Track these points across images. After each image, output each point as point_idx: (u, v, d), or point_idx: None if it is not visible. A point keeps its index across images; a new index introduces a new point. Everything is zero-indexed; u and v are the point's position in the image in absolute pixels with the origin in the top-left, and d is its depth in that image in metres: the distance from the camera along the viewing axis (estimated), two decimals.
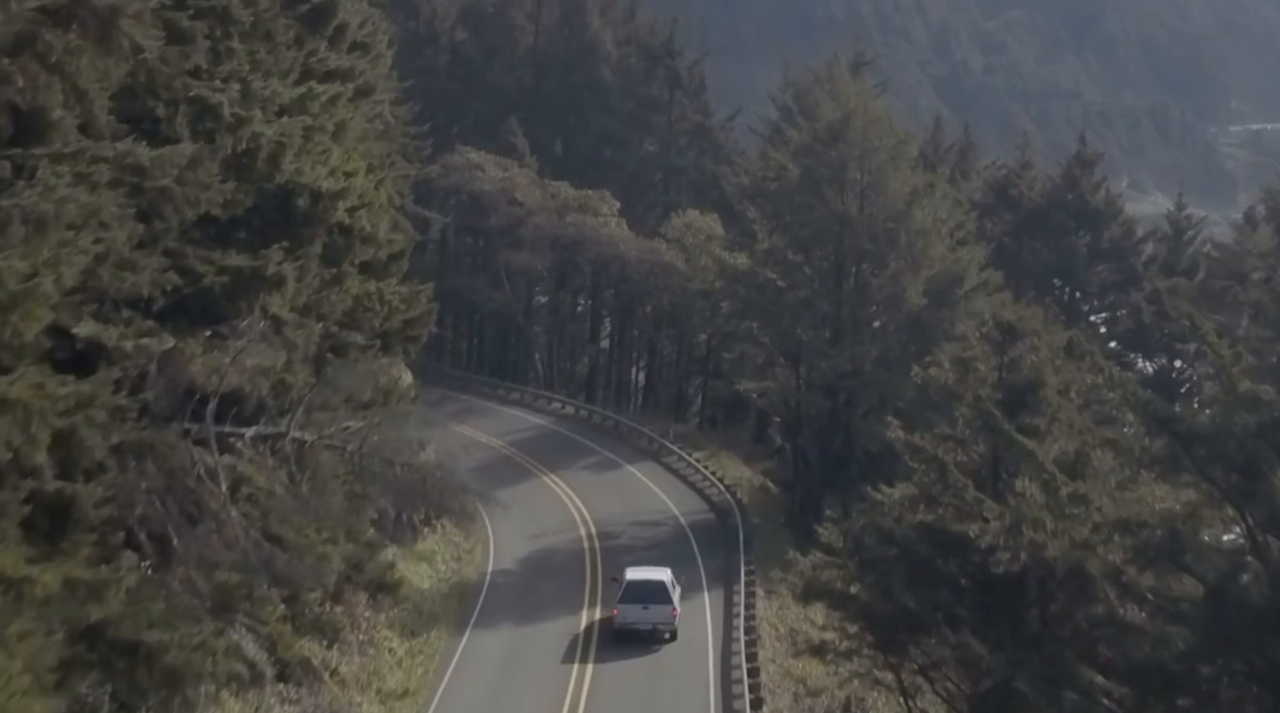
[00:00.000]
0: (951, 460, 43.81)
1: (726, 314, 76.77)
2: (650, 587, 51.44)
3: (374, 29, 67.99)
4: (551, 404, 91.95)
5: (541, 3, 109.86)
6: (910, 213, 70.97)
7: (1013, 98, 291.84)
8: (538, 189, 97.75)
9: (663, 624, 51.03)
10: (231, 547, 31.45)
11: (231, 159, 34.26)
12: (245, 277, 33.71)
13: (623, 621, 51.06)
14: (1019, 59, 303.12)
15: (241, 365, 31.05)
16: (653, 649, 51.21)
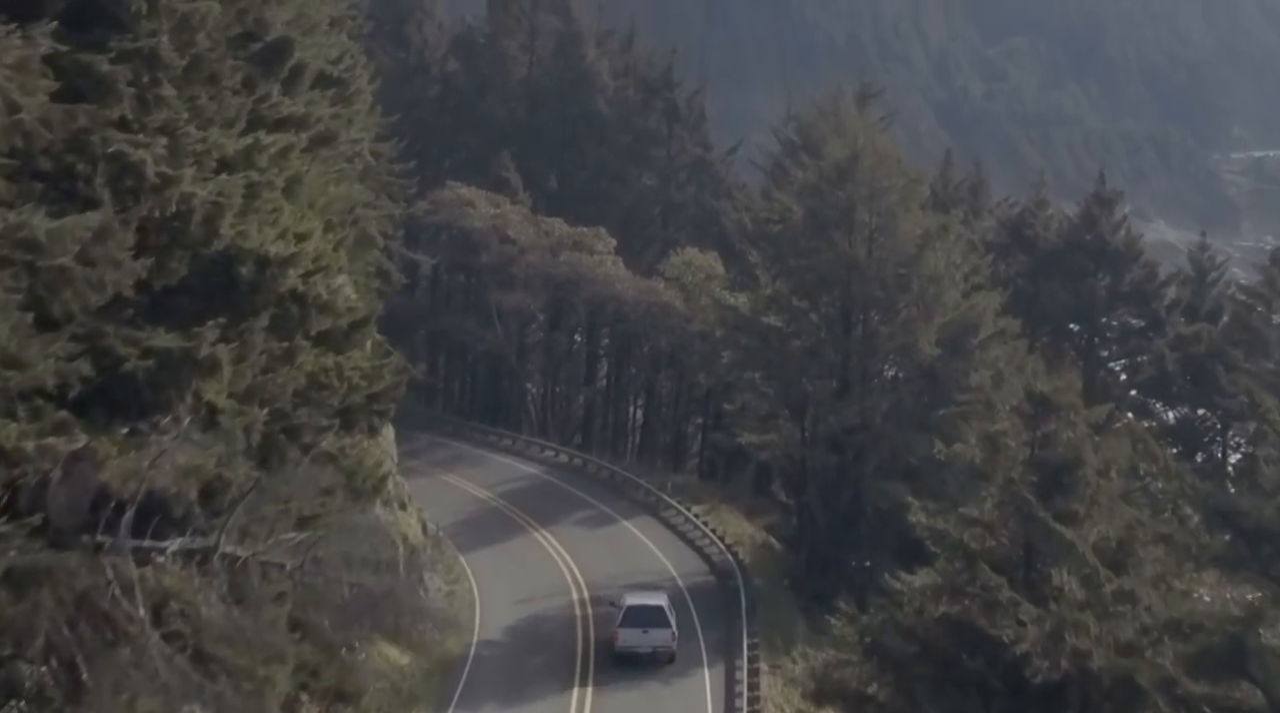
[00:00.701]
0: (979, 547, 38.91)
1: (727, 364, 71.73)
2: (649, 611, 52.55)
3: (352, 63, 63.34)
4: (544, 452, 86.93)
5: (535, 33, 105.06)
6: (922, 257, 66.08)
7: (1014, 124, 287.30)
8: (531, 226, 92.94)
9: (661, 647, 52.04)
10: (154, 677, 26.50)
11: (161, 223, 29.43)
12: (175, 360, 28.82)
13: (624, 644, 51.82)
14: (1020, 85, 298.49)
15: (165, 466, 26.12)
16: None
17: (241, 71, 35.12)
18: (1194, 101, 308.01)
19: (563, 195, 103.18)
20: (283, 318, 33.77)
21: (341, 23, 66.38)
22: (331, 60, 61.42)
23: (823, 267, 66.78)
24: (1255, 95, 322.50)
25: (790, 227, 68.40)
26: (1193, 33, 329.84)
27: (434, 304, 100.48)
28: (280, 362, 33.39)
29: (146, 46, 29.56)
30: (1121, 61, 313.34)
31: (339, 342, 35.55)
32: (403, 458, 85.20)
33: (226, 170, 32.06)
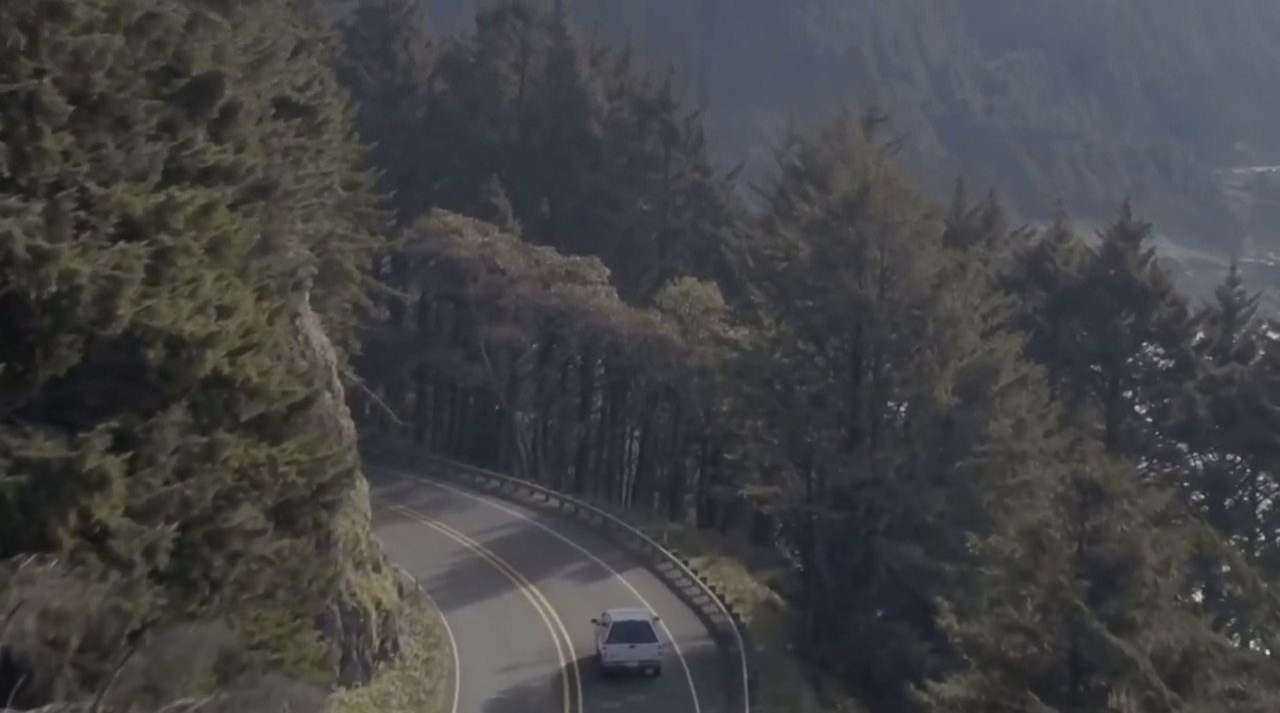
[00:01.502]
0: (1020, 657, 33.24)
1: (728, 412, 65.98)
2: (636, 626, 53.67)
3: (321, 90, 57.87)
4: (534, 495, 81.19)
5: (527, 52, 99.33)
6: (938, 298, 60.49)
7: (1015, 139, 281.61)
8: (521, 255, 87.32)
9: (649, 661, 52.99)
10: None
11: (42, 304, 23.84)
12: (53, 475, 23.22)
13: (612, 659, 52.78)
14: (1021, 99, 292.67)
15: (27, 616, 20.50)
16: None
17: (159, 114, 29.48)
18: (1195, 116, 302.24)
19: (555, 221, 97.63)
20: (204, 407, 28.14)
21: (310, 46, 60.90)
22: (298, 87, 56.07)
23: (831, 308, 61.20)
24: (1257, 110, 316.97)
25: (796, 264, 62.79)
26: (1194, 46, 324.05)
27: (422, 334, 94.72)
28: (200, 459, 27.72)
29: (24, 90, 23.92)
30: (1122, 75, 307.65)
31: (274, 429, 29.84)
32: (385, 501, 79.82)
33: (133, 234, 26.42)
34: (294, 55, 56.28)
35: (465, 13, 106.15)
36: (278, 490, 29.69)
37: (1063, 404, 68.08)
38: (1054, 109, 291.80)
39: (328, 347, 60.24)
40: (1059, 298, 75.34)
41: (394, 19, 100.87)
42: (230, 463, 28.53)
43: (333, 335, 69.22)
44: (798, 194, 79.89)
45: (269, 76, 48.46)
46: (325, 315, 69.13)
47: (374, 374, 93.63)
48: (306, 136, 55.39)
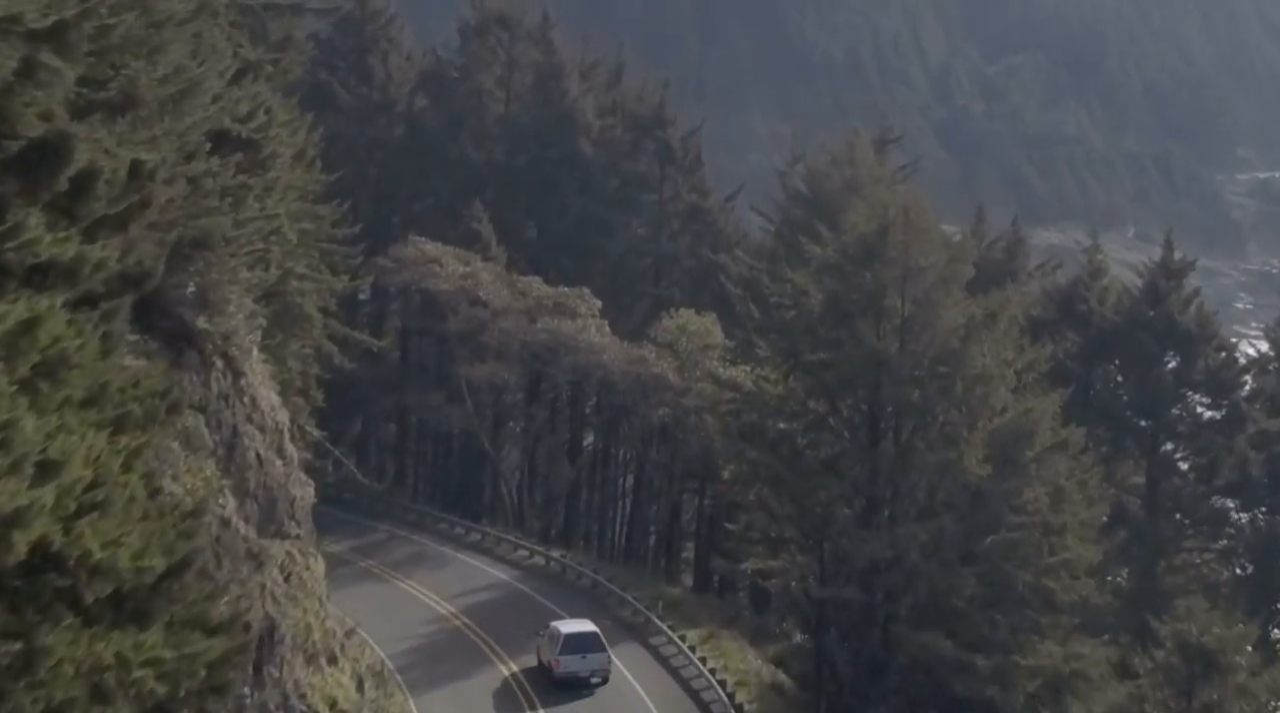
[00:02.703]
0: None
1: (730, 480, 57.91)
2: (587, 638, 53.83)
3: (266, 120, 49.78)
4: (517, 551, 73.00)
5: (513, 66, 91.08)
6: (966, 352, 52.55)
7: (1015, 144, 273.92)
8: (505, 287, 79.30)
9: (599, 670, 53.31)
10: None
11: None
12: None
13: (565, 670, 52.80)
14: (1021, 104, 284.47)
15: None
16: None
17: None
18: (1197, 119, 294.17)
19: (542, 247, 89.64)
20: (23, 598, 20.26)
21: (257, 68, 52.86)
22: (239, 118, 48.07)
23: (845, 362, 53.21)
24: (1259, 114, 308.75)
25: (805, 313, 54.74)
26: (1195, 50, 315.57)
27: (404, 371, 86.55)
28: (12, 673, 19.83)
29: None
30: (1123, 78, 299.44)
31: (133, 615, 21.89)
32: (356, 556, 72.07)
33: None
34: (236, 80, 48.41)
35: (448, 24, 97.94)
36: (133, 699, 21.71)
37: (1098, 459, 60.10)
38: (1054, 113, 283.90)
39: (278, 407, 52.15)
40: (1094, 342, 66.99)
41: (371, 30, 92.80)
42: (63, 670, 20.59)
43: (290, 387, 61.54)
44: (804, 227, 72.30)
45: (193, 111, 40.64)
46: (284, 364, 61.36)
47: (350, 413, 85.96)
48: (250, 173, 47.53)
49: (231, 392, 45.53)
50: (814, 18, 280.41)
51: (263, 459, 48.34)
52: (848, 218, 70.04)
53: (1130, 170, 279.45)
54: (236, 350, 46.24)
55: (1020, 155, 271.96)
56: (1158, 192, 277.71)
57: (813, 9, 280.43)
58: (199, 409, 42.41)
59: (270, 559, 45.79)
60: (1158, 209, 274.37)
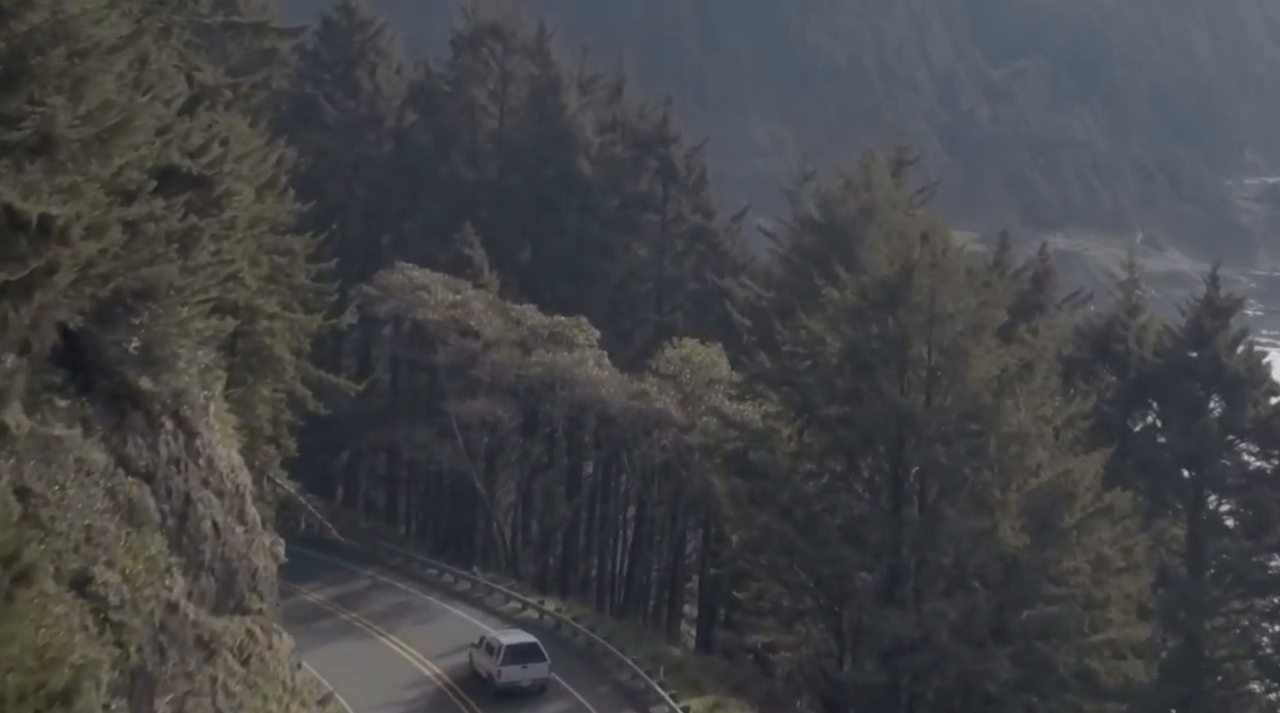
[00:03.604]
0: None
1: (740, 546, 52.07)
2: (527, 648, 54.23)
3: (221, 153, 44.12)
4: (509, 603, 67.23)
5: (507, 80, 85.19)
6: (999, 408, 46.85)
7: (1020, 148, 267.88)
8: (498, 315, 73.60)
9: (540, 679, 53.79)
10: None
11: None
12: None
13: (507, 680, 53.20)
14: (1026, 108, 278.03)
15: None
16: None
17: None
18: (1203, 125, 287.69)
19: (538, 271, 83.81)
20: None
21: (214, 95, 47.20)
22: (189, 152, 42.46)
23: (865, 418, 47.54)
24: (1266, 119, 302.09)
25: (822, 363, 48.98)
26: (1201, 55, 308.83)
27: (393, 404, 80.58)
28: None
29: None
30: (1128, 83, 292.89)
31: None
32: (338, 607, 66.44)
33: None
34: (190, 109, 42.84)
35: (439, 34, 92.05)
36: None
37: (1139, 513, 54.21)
38: (1060, 118, 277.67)
39: (240, 468, 46.42)
40: (1132, 385, 60.96)
41: (359, 41, 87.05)
42: None
43: (259, 435, 55.86)
44: (815, 255, 66.85)
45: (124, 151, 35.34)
46: (251, 411, 55.68)
47: (336, 447, 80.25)
48: (203, 213, 41.90)
49: (184, 455, 40.40)
50: (816, 22, 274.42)
51: (220, 528, 43.05)
52: (864, 249, 64.61)
53: (1136, 175, 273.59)
54: (189, 409, 40.73)
55: (1025, 159, 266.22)
56: (1164, 196, 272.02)
57: (815, 13, 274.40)
58: (144, 478, 37.13)
59: (224, 646, 40.38)
60: (1164, 214, 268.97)
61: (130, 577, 34.53)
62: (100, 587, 33.54)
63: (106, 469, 35.55)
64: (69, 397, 34.98)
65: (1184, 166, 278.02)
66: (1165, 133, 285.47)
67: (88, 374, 36.58)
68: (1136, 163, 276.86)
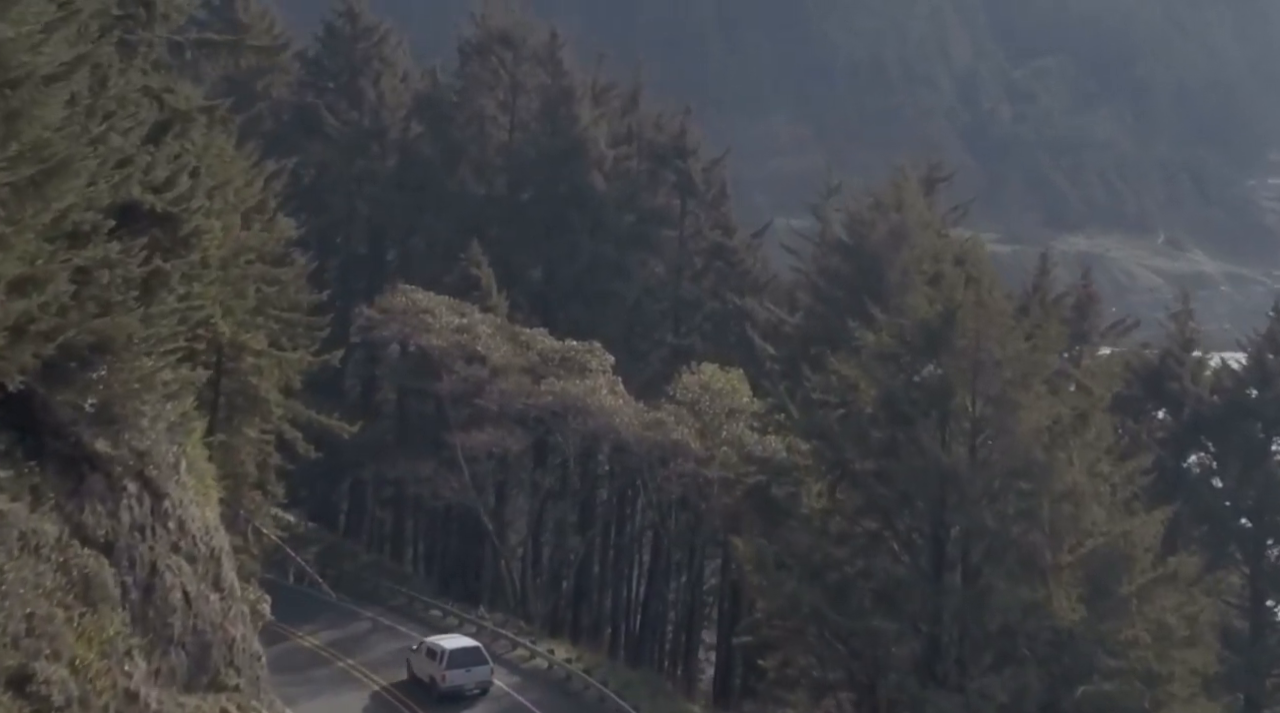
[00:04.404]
0: None
1: (765, 614, 47.17)
2: (470, 652, 54.58)
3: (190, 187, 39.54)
4: (515, 650, 62.50)
5: (517, 90, 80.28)
6: (1051, 464, 41.99)
7: (1043, 149, 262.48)
8: (506, 340, 68.92)
9: (483, 682, 54.18)
10: None
11: None
12: None
13: (451, 684, 53.29)
14: (1049, 108, 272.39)
15: None
16: None
17: None
18: (1228, 125, 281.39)
19: (548, 291, 79.13)
20: None
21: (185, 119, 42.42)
22: (153, 186, 37.89)
23: (904, 474, 42.66)
24: None
25: (855, 411, 44.12)
26: (1226, 53, 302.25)
27: (403, 431, 75.67)
28: None
29: None
30: (1152, 83, 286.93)
31: None
32: (335, 653, 62.12)
33: None
34: (156, 137, 38.20)
35: (447, 42, 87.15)
36: None
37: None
38: (1083, 118, 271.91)
39: (215, 529, 41.74)
40: (1187, 426, 55.95)
41: (362, 49, 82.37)
42: None
43: (243, 481, 51.32)
44: (844, 281, 62.03)
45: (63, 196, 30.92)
46: (235, 456, 51.10)
47: (339, 474, 75.65)
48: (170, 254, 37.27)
49: (150, 520, 35.90)
50: (837, 21, 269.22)
51: (192, 598, 38.39)
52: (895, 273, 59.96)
53: (1160, 176, 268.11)
54: (156, 469, 36.12)
55: (1048, 160, 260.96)
56: (1188, 197, 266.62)
57: (836, 12, 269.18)
58: (104, 548, 32.80)
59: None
60: (1188, 215, 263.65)
61: (81, 668, 30.06)
62: (42, 685, 29.06)
63: (59, 542, 31.48)
64: (13, 464, 30.70)
65: (1208, 167, 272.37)
66: (1189, 133, 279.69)
67: (38, 436, 32.34)
68: (1160, 163, 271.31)
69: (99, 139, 33.61)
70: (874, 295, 60.35)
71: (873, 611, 42.74)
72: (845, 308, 60.19)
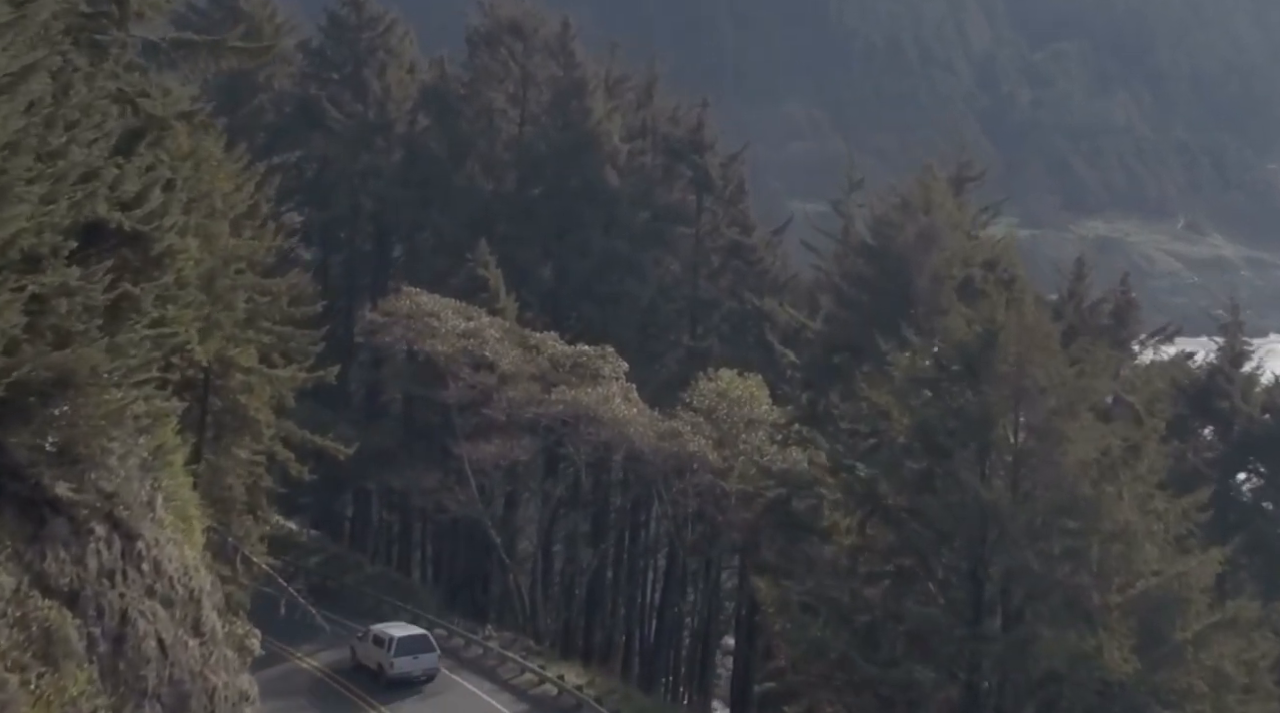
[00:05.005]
0: None
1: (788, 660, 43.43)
2: (417, 640, 54.94)
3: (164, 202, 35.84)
4: (523, 674, 58.72)
5: (527, 82, 76.37)
6: (1100, 500, 38.22)
7: (1061, 134, 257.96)
8: (515, 345, 65.21)
9: (430, 670, 54.60)
10: None
11: None
12: None
13: (399, 672, 53.73)
14: (1068, 92, 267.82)
15: None
16: None
17: None
18: (1248, 110, 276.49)
19: (560, 292, 75.29)
20: None
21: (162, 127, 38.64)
22: (123, 203, 34.42)
23: (940, 511, 38.88)
24: None
25: (887, 442, 40.33)
26: (1245, 37, 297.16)
27: (409, 437, 71.81)
28: None
29: None
30: (1172, 67, 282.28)
31: None
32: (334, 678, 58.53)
33: None
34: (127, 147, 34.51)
35: (456, 34, 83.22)
36: None
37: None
38: (1101, 102, 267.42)
39: (195, 569, 38.11)
40: (1237, 446, 52.07)
41: (367, 39, 78.62)
42: None
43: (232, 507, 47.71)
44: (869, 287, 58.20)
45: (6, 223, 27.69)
46: (222, 481, 47.51)
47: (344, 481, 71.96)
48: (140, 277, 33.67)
49: (121, 564, 32.64)
50: (854, 3, 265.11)
51: (168, 646, 34.86)
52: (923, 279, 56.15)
53: (1179, 160, 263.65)
54: (126, 509, 32.74)
55: (1067, 145, 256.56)
56: (1208, 182, 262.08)
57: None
58: (68, 598, 29.43)
59: None
60: (1207, 200, 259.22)
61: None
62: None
63: (17, 594, 28.40)
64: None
65: (1228, 151, 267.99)
66: (1208, 117, 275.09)
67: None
68: (1179, 148, 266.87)
69: (58, 153, 30.14)
70: (901, 301, 56.79)
71: (906, 657, 39.03)
72: (870, 314, 56.73)
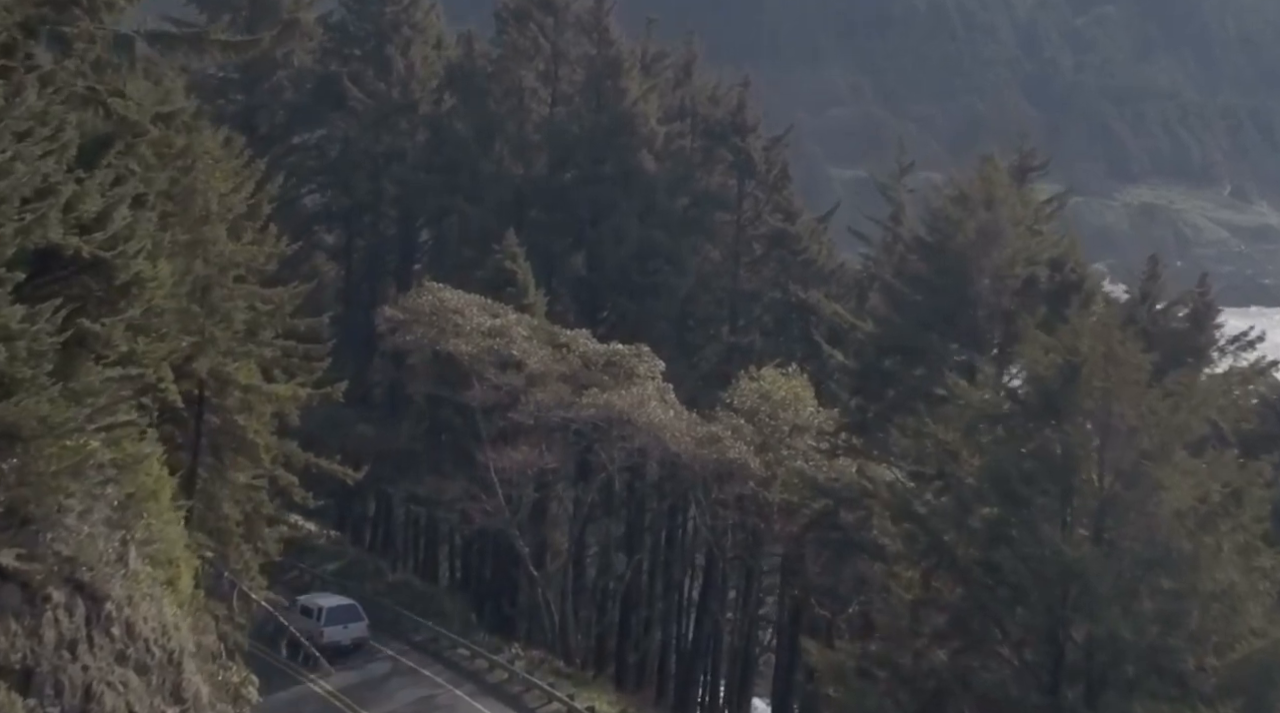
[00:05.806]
0: None
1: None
2: (346, 609, 55.49)
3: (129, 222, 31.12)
4: (551, 704, 53.96)
5: (559, 60, 71.09)
6: (1199, 555, 33.06)
7: (1105, 98, 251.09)
8: (544, 343, 60.18)
9: (360, 638, 55.22)
10: None
11: None
12: None
13: (329, 639, 53.68)
14: (1111, 57, 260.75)
15: None
16: None
17: None
18: None
19: (593, 282, 70.23)
20: None
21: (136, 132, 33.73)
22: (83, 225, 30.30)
23: (1015, 565, 33.74)
24: None
25: (956, 486, 35.15)
26: None
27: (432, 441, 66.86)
28: None
29: None
30: (1219, 32, 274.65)
31: None
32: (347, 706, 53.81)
33: None
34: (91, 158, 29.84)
35: (484, 8, 77.93)
36: None
37: None
38: (1146, 67, 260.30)
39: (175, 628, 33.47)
40: None
41: (391, 12, 73.53)
42: None
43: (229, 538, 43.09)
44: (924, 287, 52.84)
45: None
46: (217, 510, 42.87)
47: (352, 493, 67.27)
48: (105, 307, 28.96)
49: (85, 630, 30.04)
50: None
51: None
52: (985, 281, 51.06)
53: (1225, 125, 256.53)
54: (89, 570, 28.35)
55: (1110, 110, 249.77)
56: (1254, 147, 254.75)
57: None
58: (20, 676, 26.17)
59: None
60: (1254, 165, 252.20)
61: None
62: None
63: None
64: None
65: (1275, 115, 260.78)
66: (1254, 80, 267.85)
67: None
68: (1224, 112, 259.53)
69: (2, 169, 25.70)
70: (960, 302, 51.65)
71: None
72: (925, 316, 51.74)
